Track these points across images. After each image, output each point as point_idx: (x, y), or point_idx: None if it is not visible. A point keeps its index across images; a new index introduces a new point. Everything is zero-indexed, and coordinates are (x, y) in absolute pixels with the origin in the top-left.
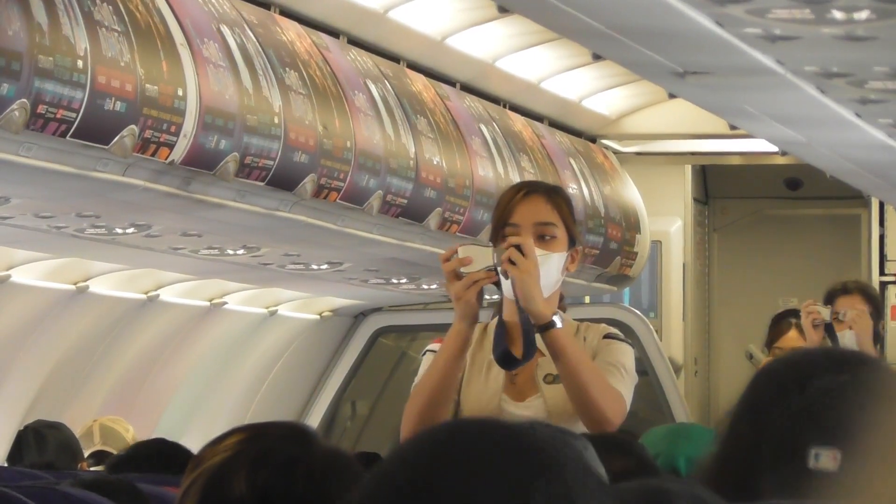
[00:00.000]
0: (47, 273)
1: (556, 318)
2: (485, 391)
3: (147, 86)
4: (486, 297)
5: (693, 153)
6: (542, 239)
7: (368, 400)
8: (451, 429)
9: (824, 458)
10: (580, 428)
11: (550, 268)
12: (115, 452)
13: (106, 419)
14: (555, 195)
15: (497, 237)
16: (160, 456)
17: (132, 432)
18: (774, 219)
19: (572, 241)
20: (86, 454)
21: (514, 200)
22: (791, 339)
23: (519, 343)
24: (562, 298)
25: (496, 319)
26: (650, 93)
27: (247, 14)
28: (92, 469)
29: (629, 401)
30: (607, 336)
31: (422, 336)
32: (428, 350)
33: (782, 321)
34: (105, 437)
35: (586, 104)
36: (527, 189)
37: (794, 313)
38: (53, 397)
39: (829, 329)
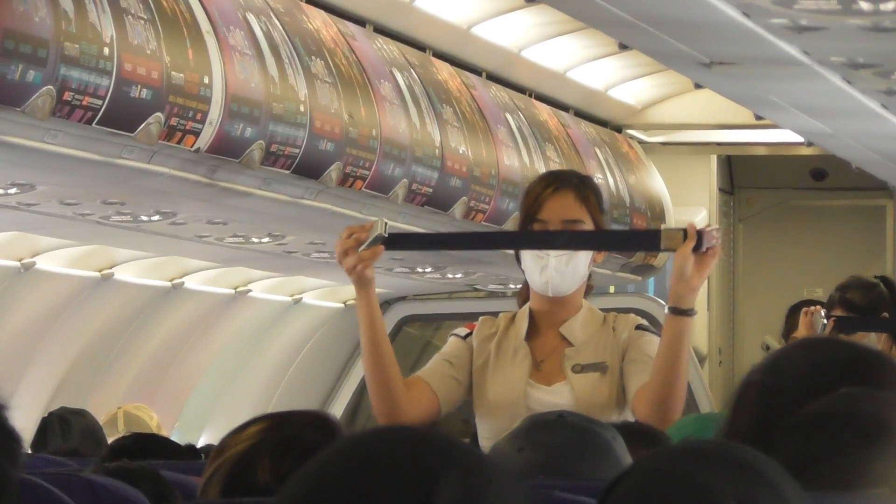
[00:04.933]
0: (72, 260)
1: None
2: (511, 376)
3: (173, 73)
4: (512, 286)
5: (718, 143)
6: None
7: None
8: (362, 436)
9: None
10: (606, 419)
11: (579, 264)
12: None
13: (130, 406)
14: (584, 189)
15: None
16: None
17: (156, 419)
18: (799, 209)
19: (602, 224)
20: (109, 441)
21: (543, 195)
22: None
23: (546, 333)
24: (589, 289)
25: (525, 308)
26: (676, 83)
27: (273, 2)
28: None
29: None
30: (639, 327)
31: (446, 325)
32: (453, 334)
33: (798, 311)
34: (129, 425)
35: (612, 94)
36: (556, 184)
37: (811, 303)
38: (78, 384)
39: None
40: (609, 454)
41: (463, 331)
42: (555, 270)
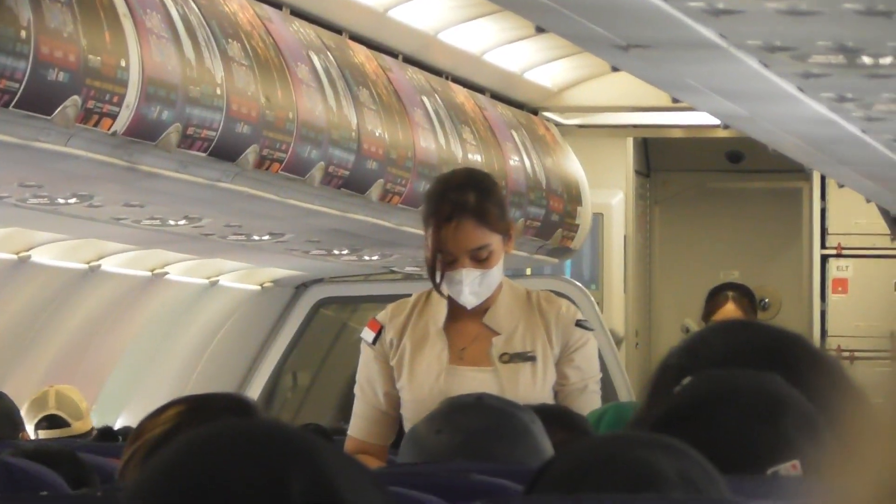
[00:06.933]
0: None
1: None
2: (430, 369)
3: (90, 56)
4: (416, 268)
5: (635, 126)
6: (480, 260)
7: (309, 371)
8: (209, 430)
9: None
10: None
11: (493, 277)
12: (66, 418)
13: (62, 387)
14: (481, 207)
15: (436, 258)
16: None
17: (85, 404)
18: (716, 192)
19: (507, 229)
20: (38, 417)
21: (444, 231)
22: (728, 312)
23: (466, 319)
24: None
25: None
26: (593, 65)
27: None
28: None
29: None
30: (579, 325)
31: (363, 307)
32: (362, 339)
33: (719, 294)
34: (60, 403)
35: (529, 76)
36: (456, 218)
37: (731, 286)
38: None
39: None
40: (527, 437)
41: (370, 334)
42: (470, 294)
